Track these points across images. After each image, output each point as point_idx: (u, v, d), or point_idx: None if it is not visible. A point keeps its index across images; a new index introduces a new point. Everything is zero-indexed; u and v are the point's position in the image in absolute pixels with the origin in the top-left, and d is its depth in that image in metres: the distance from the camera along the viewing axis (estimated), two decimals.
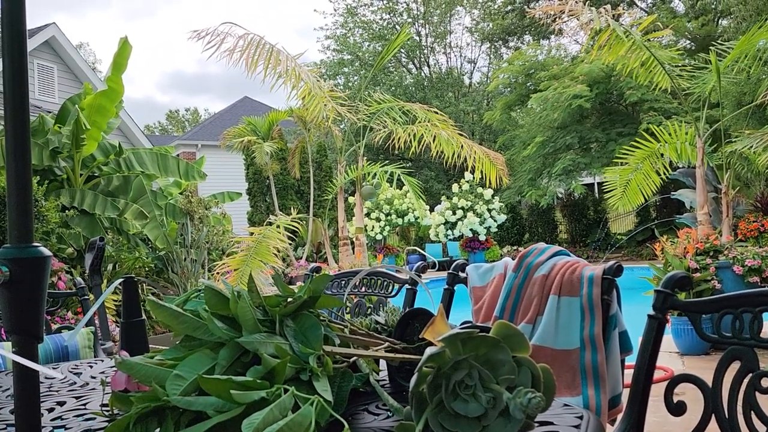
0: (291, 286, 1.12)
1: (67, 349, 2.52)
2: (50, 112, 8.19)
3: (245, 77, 7.02)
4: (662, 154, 7.33)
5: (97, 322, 3.28)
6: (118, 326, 3.53)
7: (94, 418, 1.11)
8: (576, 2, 6.63)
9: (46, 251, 0.86)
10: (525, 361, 0.81)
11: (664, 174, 7.50)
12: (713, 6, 16.76)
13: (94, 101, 6.76)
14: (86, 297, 2.99)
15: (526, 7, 20.63)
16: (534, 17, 7.46)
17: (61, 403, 1.25)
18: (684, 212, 13.65)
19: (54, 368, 1.74)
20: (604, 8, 6.41)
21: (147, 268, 7.35)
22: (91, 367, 1.72)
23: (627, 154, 7.56)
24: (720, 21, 17.37)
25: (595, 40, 6.56)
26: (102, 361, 1.85)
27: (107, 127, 7.16)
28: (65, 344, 2.52)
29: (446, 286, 2.25)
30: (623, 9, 17.10)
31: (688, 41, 16.77)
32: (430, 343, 0.86)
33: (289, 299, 1.04)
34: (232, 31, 7.09)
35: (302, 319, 1.02)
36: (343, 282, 2.52)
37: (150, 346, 1.49)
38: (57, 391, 1.39)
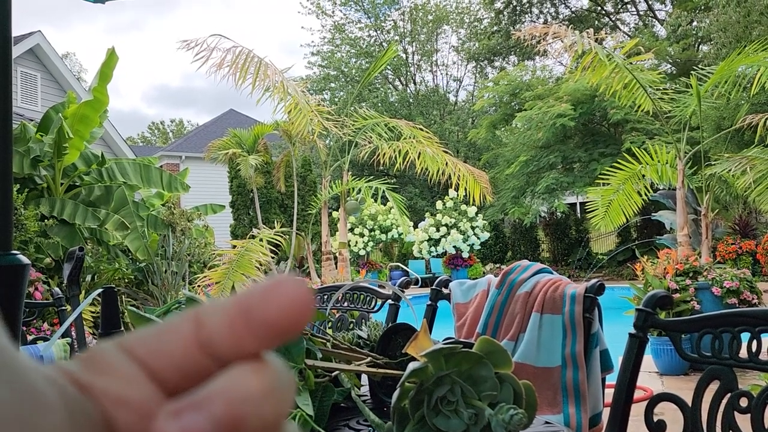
0: None
1: (42, 360, 2.47)
2: (32, 120, 8.09)
3: (232, 91, 7.05)
4: (644, 176, 7.42)
5: (74, 333, 3.22)
6: (95, 338, 3.47)
7: None
8: (560, 25, 6.75)
9: (25, 259, 0.85)
10: (507, 377, 0.81)
11: (646, 195, 7.59)
12: (694, 32, 17.13)
13: (78, 110, 6.72)
14: (63, 308, 2.94)
15: (511, 28, 20.91)
16: (519, 39, 7.57)
17: None
18: (664, 233, 13.82)
19: None
20: (587, 32, 6.53)
21: (127, 280, 7.26)
22: None
23: (609, 175, 7.65)
24: (701, 46, 17.74)
25: (579, 62, 6.67)
26: None
27: (90, 137, 7.10)
28: (41, 355, 2.47)
29: (429, 302, 2.24)
30: (606, 33, 17.39)
31: (670, 65, 17.10)
32: (413, 358, 0.86)
33: None
34: (220, 44, 7.09)
35: None
36: (326, 296, 2.50)
37: None
38: None
